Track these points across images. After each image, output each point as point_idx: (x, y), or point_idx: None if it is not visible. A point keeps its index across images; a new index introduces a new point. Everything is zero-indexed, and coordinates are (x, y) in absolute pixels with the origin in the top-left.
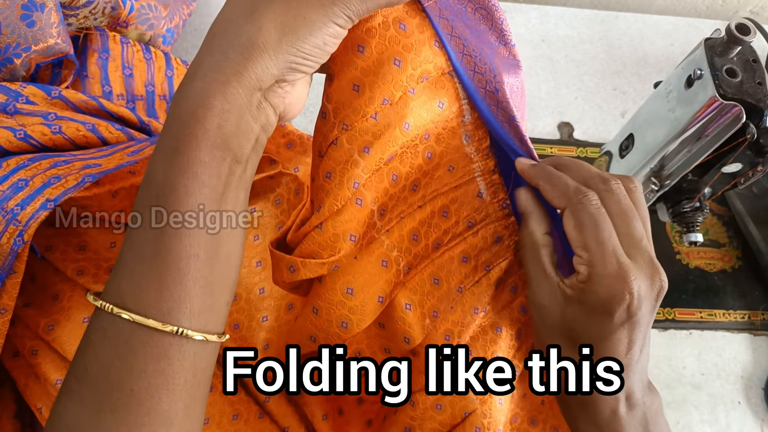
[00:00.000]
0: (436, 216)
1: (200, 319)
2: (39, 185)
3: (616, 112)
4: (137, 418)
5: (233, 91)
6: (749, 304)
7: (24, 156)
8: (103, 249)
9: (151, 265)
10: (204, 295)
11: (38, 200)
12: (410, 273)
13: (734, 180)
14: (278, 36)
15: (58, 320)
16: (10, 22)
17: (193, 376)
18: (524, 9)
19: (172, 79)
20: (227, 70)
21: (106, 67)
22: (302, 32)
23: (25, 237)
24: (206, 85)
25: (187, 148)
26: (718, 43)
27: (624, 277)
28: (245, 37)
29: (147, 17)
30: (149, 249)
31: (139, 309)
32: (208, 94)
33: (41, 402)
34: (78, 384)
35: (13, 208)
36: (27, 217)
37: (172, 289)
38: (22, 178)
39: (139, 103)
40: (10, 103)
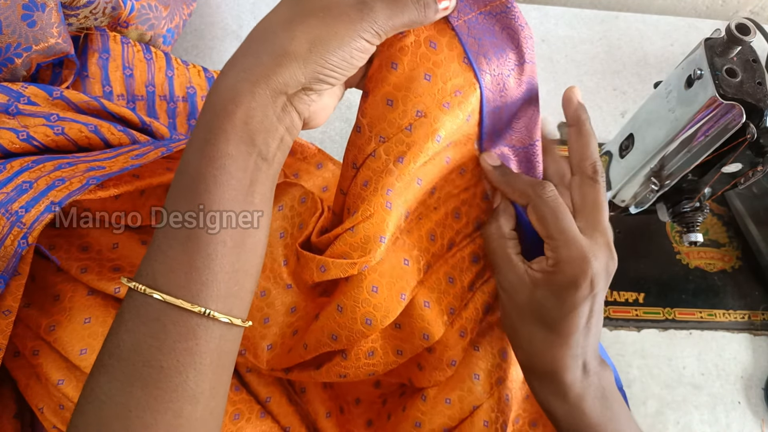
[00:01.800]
0: (449, 217)
1: (226, 303)
2: (43, 187)
3: (616, 112)
4: (165, 393)
5: (261, 92)
6: (749, 304)
7: (28, 158)
8: (105, 250)
9: (182, 249)
10: (230, 280)
11: (43, 203)
12: (428, 272)
13: (734, 180)
14: (308, 47)
15: (60, 321)
16: (11, 22)
17: (218, 357)
18: (524, 9)
19: (172, 79)
20: (258, 72)
21: (107, 68)
22: (331, 45)
23: (30, 239)
24: (237, 83)
25: (217, 140)
26: (718, 43)
27: (586, 258)
28: (278, 44)
29: (147, 17)
30: (181, 234)
31: (170, 290)
32: (238, 92)
33: (42, 402)
34: (110, 359)
35: (18, 210)
36: (32, 220)
37: (201, 272)
38: (26, 180)
39: (139, 103)
40: (11, 104)
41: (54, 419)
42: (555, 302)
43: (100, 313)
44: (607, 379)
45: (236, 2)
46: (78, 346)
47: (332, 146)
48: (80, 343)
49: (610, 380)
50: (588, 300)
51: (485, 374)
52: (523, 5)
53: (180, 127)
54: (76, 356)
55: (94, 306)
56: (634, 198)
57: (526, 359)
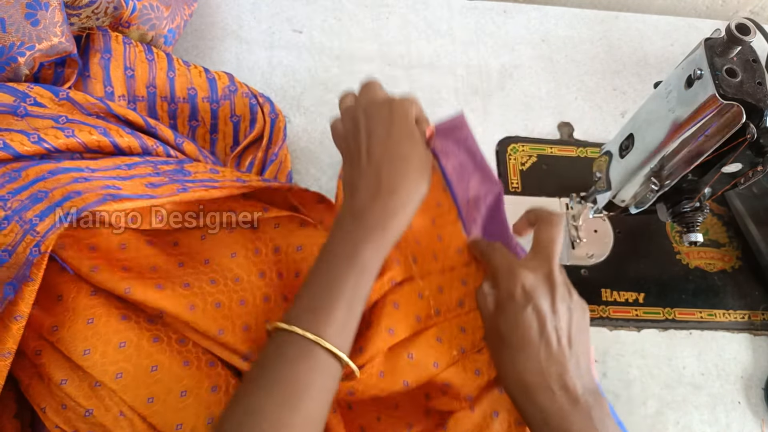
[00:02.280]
0: (456, 280)
1: (345, 344)
2: (58, 198)
3: (616, 112)
4: (297, 415)
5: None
6: (749, 304)
7: (44, 167)
8: (114, 250)
9: (327, 301)
10: (352, 326)
11: (57, 213)
12: (440, 316)
13: (734, 180)
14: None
15: (63, 321)
16: (15, 21)
17: (331, 392)
18: (524, 9)
19: (173, 80)
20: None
21: (108, 68)
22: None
23: (42, 248)
24: (357, 238)
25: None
26: (718, 43)
27: (515, 271)
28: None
29: (149, 17)
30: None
31: (313, 330)
32: (357, 244)
33: (45, 402)
34: (259, 378)
35: (32, 218)
36: (45, 229)
37: (340, 319)
38: (42, 189)
39: (140, 104)
40: (19, 105)
41: (56, 419)
42: (503, 319)
43: (103, 313)
44: (600, 408)
45: (236, 2)
46: (81, 347)
47: (332, 146)
48: (83, 343)
49: (604, 411)
50: (528, 309)
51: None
52: (523, 5)
53: (181, 127)
54: (79, 356)
55: (97, 306)
56: (634, 198)
57: (506, 387)
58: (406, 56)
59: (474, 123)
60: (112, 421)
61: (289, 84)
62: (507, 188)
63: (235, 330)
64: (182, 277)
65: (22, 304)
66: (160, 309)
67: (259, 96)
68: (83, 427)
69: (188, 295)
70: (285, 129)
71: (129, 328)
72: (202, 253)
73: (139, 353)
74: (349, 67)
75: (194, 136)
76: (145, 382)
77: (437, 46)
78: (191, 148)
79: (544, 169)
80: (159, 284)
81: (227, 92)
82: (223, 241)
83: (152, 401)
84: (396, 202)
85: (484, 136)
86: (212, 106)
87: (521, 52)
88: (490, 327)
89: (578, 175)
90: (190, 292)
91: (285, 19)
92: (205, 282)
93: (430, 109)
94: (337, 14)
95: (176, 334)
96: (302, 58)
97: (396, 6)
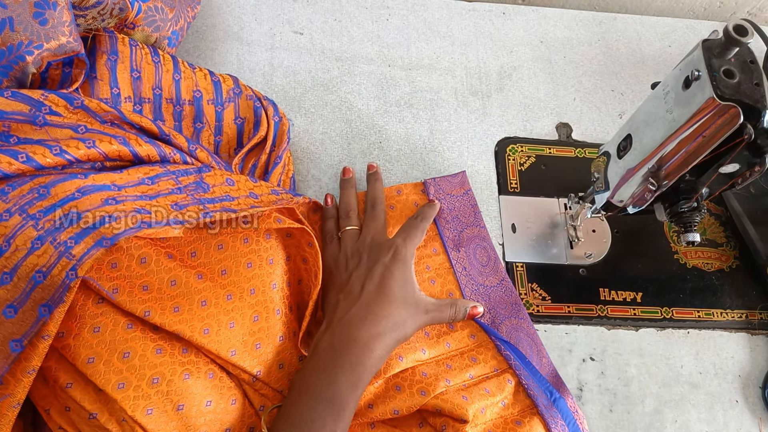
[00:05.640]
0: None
1: None
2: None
3: (614, 113)
4: None
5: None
6: (747, 303)
7: (72, 185)
8: (135, 265)
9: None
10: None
11: (93, 237)
12: None
13: (732, 180)
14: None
15: (70, 328)
16: (23, 20)
17: None
18: (523, 11)
19: (179, 82)
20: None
21: (115, 69)
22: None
23: (79, 272)
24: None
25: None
26: (716, 44)
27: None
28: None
29: (154, 19)
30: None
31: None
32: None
33: (49, 404)
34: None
35: (66, 241)
36: (82, 252)
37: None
38: (74, 210)
39: (146, 105)
40: (37, 114)
41: (60, 420)
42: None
43: (109, 322)
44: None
45: (238, 4)
46: (85, 354)
47: (332, 146)
48: (88, 351)
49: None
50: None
51: None
52: (522, 7)
53: (185, 130)
54: (83, 364)
55: (104, 314)
56: (632, 198)
57: None
58: (406, 57)
59: (473, 124)
60: (115, 425)
61: (290, 85)
62: (506, 188)
63: (247, 349)
64: (201, 293)
65: (51, 324)
66: (177, 332)
67: (263, 99)
68: (87, 429)
69: (204, 317)
70: (289, 132)
71: (134, 338)
72: (219, 263)
73: (143, 364)
74: (349, 68)
75: (199, 139)
76: (146, 393)
77: (437, 48)
78: (204, 155)
79: (542, 169)
80: (176, 306)
81: (232, 95)
82: (240, 250)
83: (151, 413)
84: (380, 340)
85: (483, 136)
86: (217, 109)
87: (520, 53)
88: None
89: (576, 176)
90: (205, 313)
91: (286, 20)
92: (221, 298)
93: (429, 110)
94: (337, 16)
95: (180, 343)
96: (303, 60)
97: (396, 8)
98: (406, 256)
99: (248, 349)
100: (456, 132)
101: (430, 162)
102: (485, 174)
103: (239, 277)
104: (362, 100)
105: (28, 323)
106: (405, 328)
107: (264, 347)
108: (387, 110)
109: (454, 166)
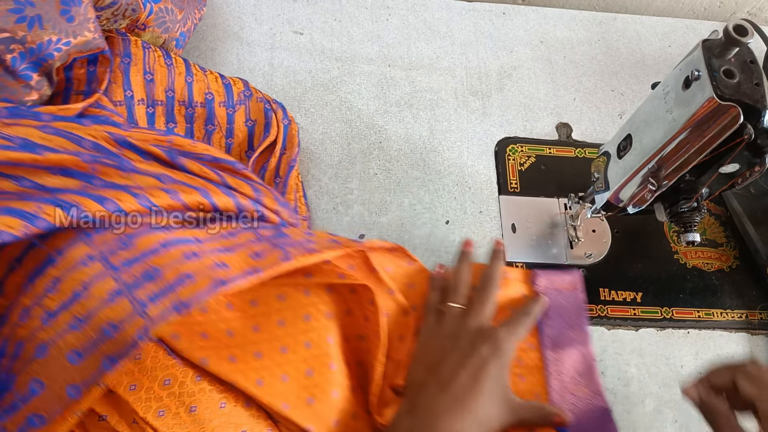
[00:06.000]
0: None
1: None
2: (171, 280)
3: (614, 113)
4: None
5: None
6: (746, 303)
7: (154, 238)
8: (195, 313)
9: None
10: None
11: (169, 298)
12: None
13: (732, 180)
14: None
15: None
16: (51, 17)
17: None
18: (523, 11)
19: (191, 85)
20: None
21: (128, 72)
22: None
23: (151, 334)
24: None
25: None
26: (716, 44)
27: None
28: None
29: (164, 20)
30: None
31: None
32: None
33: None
34: None
35: (143, 299)
36: (156, 315)
37: None
38: (154, 265)
39: (159, 108)
40: (127, 161)
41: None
42: None
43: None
44: None
45: (238, 4)
46: (155, 407)
47: (332, 146)
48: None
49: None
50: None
51: None
52: (522, 7)
53: (197, 132)
54: (125, 390)
55: (173, 367)
56: (632, 198)
57: None
58: (406, 57)
59: (473, 124)
60: (125, 427)
61: (290, 85)
62: (506, 188)
63: (300, 404)
64: (256, 344)
65: (111, 375)
66: (231, 382)
67: (272, 102)
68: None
69: (258, 369)
70: (298, 135)
71: (175, 365)
72: (279, 314)
73: (155, 365)
74: (349, 68)
75: (210, 141)
76: (157, 395)
77: (437, 48)
78: (269, 200)
79: (542, 169)
80: (232, 356)
81: (242, 97)
82: (300, 302)
83: (162, 414)
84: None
85: (483, 136)
86: (228, 111)
87: (520, 53)
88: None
89: (576, 176)
90: (260, 365)
91: (286, 20)
92: (276, 350)
93: (429, 110)
94: (337, 16)
95: (244, 396)
96: (303, 60)
97: (396, 8)
98: (506, 351)
99: (301, 403)
100: (456, 132)
101: (430, 162)
102: (485, 174)
103: (296, 329)
104: (362, 100)
105: (90, 372)
106: (487, 427)
107: (317, 403)
108: (387, 110)
109: (454, 166)
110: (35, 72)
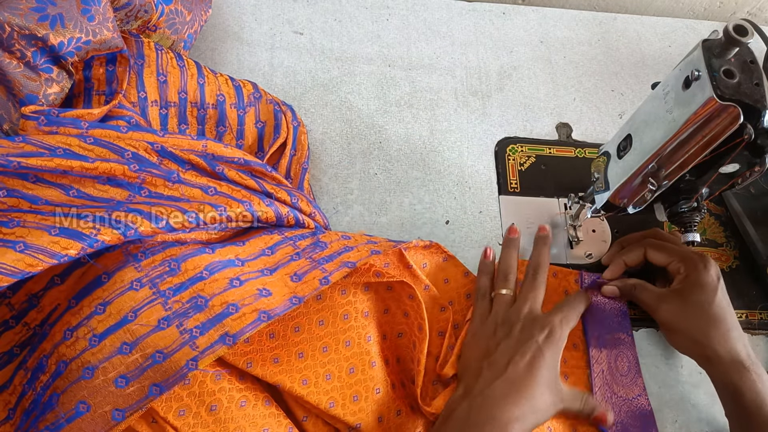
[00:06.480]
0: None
1: None
2: (218, 311)
3: (614, 113)
4: None
5: None
6: (747, 303)
7: (200, 261)
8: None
9: None
10: None
11: (217, 330)
12: None
13: (732, 180)
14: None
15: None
16: (72, 16)
17: None
18: (523, 11)
19: (203, 87)
20: None
21: (142, 73)
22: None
23: (200, 365)
24: None
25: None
26: (716, 44)
27: (701, 256)
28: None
29: (174, 22)
30: None
31: None
32: None
33: None
34: None
35: (192, 329)
36: (205, 346)
37: None
38: (201, 294)
39: (171, 109)
40: (173, 172)
41: None
42: (705, 299)
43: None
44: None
45: (238, 4)
46: (176, 407)
47: (332, 146)
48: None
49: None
50: (718, 289)
51: None
52: (522, 7)
53: (208, 133)
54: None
55: (219, 389)
56: (632, 198)
57: (703, 352)
58: (406, 57)
59: (473, 124)
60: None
61: (290, 85)
62: (506, 188)
63: (346, 403)
64: (298, 345)
65: (157, 405)
66: (276, 383)
67: (281, 104)
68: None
69: (302, 369)
70: (308, 141)
71: (221, 389)
72: (318, 314)
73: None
74: (349, 68)
75: (221, 142)
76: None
77: (437, 48)
78: (304, 204)
79: (542, 169)
80: (276, 357)
81: (252, 99)
82: (338, 302)
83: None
84: (519, 423)
85: (483, 136)
86: (239, 113)
87: (520, 53)
88: (676, 314)
89: (576, 176)
90: (304, 365)
91: (286, 20)
92: (318, 350)
93: (429, 110)
94: (337, 16)
95: (264, 394)
96: (303, 60)
97: (396, 8)
98: (560, 338)
99: (347, 401)
100: (456, 132)
101: (430, 162)
102: (485, 174)
103: (335, 329)
104: (362, 100)
105: (136, 398)
106: (542, 414)
107: (362, 400)
108: (387, 110)
109: (454, 166)
110: (55, 65)
